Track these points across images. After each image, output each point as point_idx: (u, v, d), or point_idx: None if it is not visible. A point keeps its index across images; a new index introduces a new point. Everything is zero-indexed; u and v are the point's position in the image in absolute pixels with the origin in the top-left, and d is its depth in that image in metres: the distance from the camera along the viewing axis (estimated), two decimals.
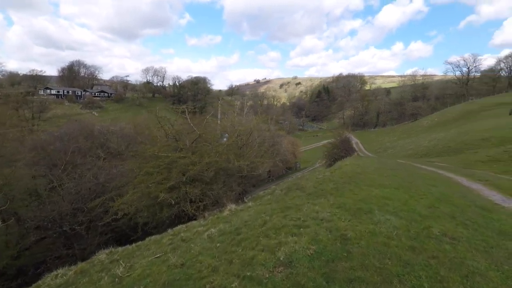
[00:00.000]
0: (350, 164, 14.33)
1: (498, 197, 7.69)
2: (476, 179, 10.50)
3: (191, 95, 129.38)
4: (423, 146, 38.55)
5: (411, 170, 11.97)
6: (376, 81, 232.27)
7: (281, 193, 12.54)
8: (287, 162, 49.65)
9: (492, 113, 51.12)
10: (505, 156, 16.29)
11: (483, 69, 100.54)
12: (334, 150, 28.02)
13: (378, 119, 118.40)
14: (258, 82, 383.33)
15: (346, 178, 9.92)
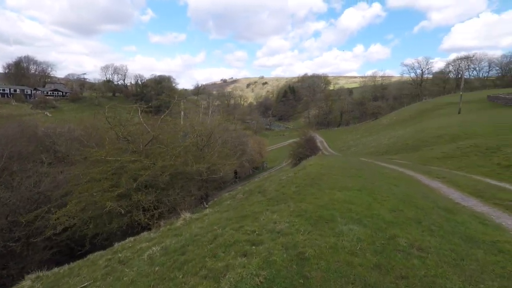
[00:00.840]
0: (314, 164, 14.00)
1: (457, 195, 7.60)
2: (434, 177, 10.57)
3: (154, 94, 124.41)
4: (383, 143, 40.06)
5: (373, 169, 11.86)
6: (339, 81, 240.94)
7: (242, 197, 11.82)
8: (253, 162, 49.20)
9: (444, 112, 54.78)
10: (457, 152, 17.00)
11: (434, 71, 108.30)
12: (299, 149, 27.98)
13: (342, 118, 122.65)
14: (225, 81, 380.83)
15: (309, 180, 9.44)
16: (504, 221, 5.36)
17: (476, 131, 28.20)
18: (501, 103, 49.78)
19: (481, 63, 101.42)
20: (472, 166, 13.26)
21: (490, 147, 15.53)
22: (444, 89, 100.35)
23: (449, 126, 33.81)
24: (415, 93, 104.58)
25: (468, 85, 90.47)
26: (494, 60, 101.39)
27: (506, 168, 11.36)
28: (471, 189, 8.26)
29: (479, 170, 12.26)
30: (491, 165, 12.61)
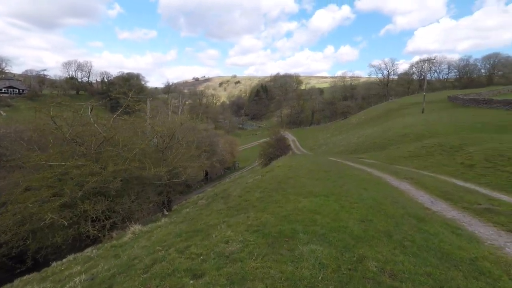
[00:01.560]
0: (282, 165, 13.40)
1: (426, 199, 7.25)
2: (402, 178, 10.33)
3: (122, 93, 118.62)
4: (353, 142, 40.74)
5: (342, 170, 11.45)
6: (311, 81, 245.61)
7: (204, 204, 10.90)
8: (224, 162, 48.16)
9: (408, 112, 57.05)
10: (423, 151, 17.23)
11: (399, 73, 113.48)
12: (270, 149, 27.47)
13: (313, 117, 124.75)
14: (197, 80, 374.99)
15: (275, 184, 8.76)
16: (476, 229, 4.96)
17: (438, 130, 29.30)
18: (459, 103, 52.64)
19: (441, 66, 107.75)
20: (437, 165, 13.31)
21: (453, 146, 15.83)
22: (409, 90, 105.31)
23: (413, 125, 34.97)
24: (382, 93, 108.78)
25: (430, 86, 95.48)
26: (452, 63, 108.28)
27: (470, 168, 11.41)
28: (439, 191, 7.99)
29: (444, 169, 12.27)
30: (455, 164, 12.70)
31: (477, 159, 12.03)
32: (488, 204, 6.44)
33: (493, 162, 11.08)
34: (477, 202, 6.65)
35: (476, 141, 16.02)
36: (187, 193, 26.77)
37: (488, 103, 41.09)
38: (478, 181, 9.58)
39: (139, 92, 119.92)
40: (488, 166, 10.92)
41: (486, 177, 9.78)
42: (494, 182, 9.09)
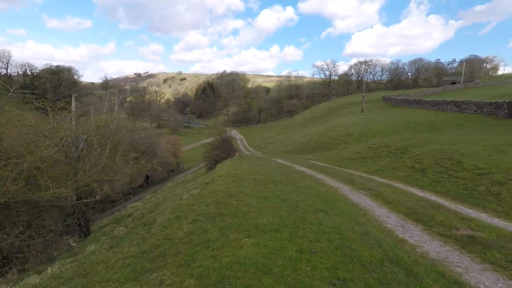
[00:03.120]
0: (226, 174, 11.46)
1: (394, 221, 6.01)
2: (359, 188, 9.22)
3: (50, 87, 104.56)
4: (299, 142, 40.65)
5: (294, 180, 9.97)
6: (257, 79, 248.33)
7: (122, 233, 8.45)
8: (167, 164, 44.44)
9: (349, 111, 59.73)
10: (370, 152, 16.87)
11: (340, 73, 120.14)
12: (215, 151, 25.34)
13: (260, 116, 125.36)
14: (140, 76, 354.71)
15: (213, 206, 6.80)
16: (480, 280, 3.67)
17: (379, 129, 30.32)
18: (393, 103, 56.61)
19: (375, 68, 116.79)
20: (388, 169, 12.70)
21: (399, 147, 15.63)
22: (348, 90, 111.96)
23: (355, 124, 35.99)
24: (325, 92, 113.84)
25: (366, 86, 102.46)
26: (385, 66, 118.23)
27: (422, 173, 10.85)
28: (404, 207, 6.87)
29: (396, 174, 11.62)
30: (405, 168, 12.18)
31: (427, 162, 11.60)
32: (467, 228, 5.37)
33: (444, 167, 10.65)
34: (452, 224, 5.56)
35: (419, 142, 16.07)
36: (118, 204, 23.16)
37: (418, 104, 44.49)
38: (436, 190, 8.85)
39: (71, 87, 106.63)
40: (440, 171, 10.43)
41: (442, 185, 9.12)
42: (452, 191, 8.38)
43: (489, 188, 7.85)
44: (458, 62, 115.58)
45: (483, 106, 28.63)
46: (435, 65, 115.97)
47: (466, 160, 10.47)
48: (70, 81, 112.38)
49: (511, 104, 24.56)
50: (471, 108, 30.54)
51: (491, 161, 9.79)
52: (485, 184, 8.17)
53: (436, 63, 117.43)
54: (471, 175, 9.10)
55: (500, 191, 7.52)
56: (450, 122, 27.64)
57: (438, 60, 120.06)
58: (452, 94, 57.63)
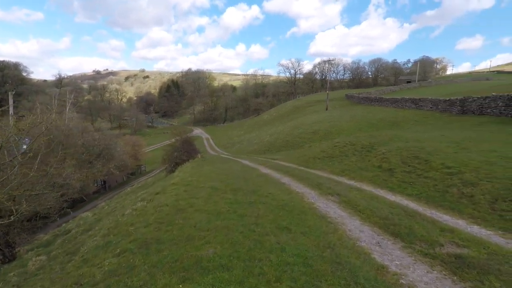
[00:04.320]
0: (180, 181, 10.05)
1: (368, 237, 5.12)
2: (327, 193, 8.35)
3: None
4: (265, 140, 39.90)
5: (256, 187, 8.87)
6: (224, 78, 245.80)
7: (31, 270, 6.73)
8: (126, 167, 41.35)
9: (314, 109, 60.40)
10: (336, 151, 16.34)
11: (304, 72, 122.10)
12: (175, 153, 23.55)
13: (227, 114, 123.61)
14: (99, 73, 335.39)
15: (152, 228, 5.45)
16: None
17: (343, 126, 30.44)
18: (355, 101, 58.12)
19: (338, 67, 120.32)
20: (355, 169, 12.09)
21: (364, 146, 15.22)
22: (313, 88, 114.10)
23: (321, 122, 36.02)
24: (290, 91, 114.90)
25: (330, 85, 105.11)
26: (347, 65, 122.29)
27: (389, 173, 10.30)
28: (377, 216, 6.05)
29: (363, 175, 10.99)
30: (372, 167, 11.64)
31: (394, 162, 11.12)
32: (452, 244, 4.60)
33: (412, 166, 10.18)
34: (434, 239, 4.77)
35: (383, 139, 15.80)
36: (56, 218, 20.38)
37: (379, 101, 45.86)
38: (406, 192, 8.24)
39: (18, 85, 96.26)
40: (408, 170, 9.94)
41: (412, 187, 8.54)
42: (424, 194, 7.79)
43: (461, 190, 7.32)
44: (413, 62, 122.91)
45: (438, 103, 29.77)
46: (392, 65, 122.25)
47: (433, 159, 10.08)
48: (17, 78, 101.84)
49: (463, 101, 25.62)
50: (427, 105, 31.69)
51: (458, 159, 9.44)
52: (457, 185, 7.66)
53: (393, 63, 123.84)
54: (440, 175, 8.62)
55: (473, 193, 6.99)
56: (410, 119, 28.38)
57: (395, 60, 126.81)
58: (408, 92, 60.55)
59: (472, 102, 24.05)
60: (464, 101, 25.12)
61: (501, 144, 11.59)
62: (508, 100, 19.99)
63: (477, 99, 23.51)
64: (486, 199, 6.62)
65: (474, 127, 19.02)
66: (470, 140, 12.96)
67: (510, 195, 6.46)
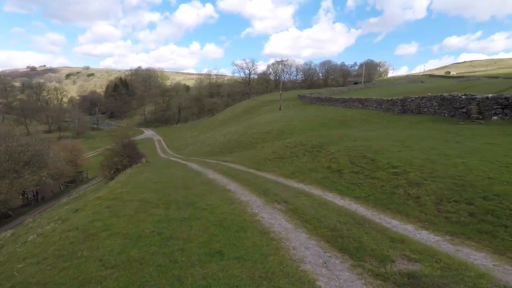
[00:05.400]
0: (105, 196, 8.56)
1: (314, 255, 4.43)
2: (273, 200, 7.65)
3: None
4: (219, 141, 38.77)
5: (195, 198, 7.84)
6: (177, 77, 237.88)
7: None
8: (62, 175, 37.04)
9: (268, 109, 60.69)
10: (287, 152, 15.94)
11: (259, 72, 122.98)
12: (115, 158, 21.33)
13: (180, 115, 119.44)
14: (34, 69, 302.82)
15: (45, 266, 4.20)
16: None
17: (296, 126, 30.59)
18: (307, 101, 59.62)
19: (291, 68, 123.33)
20: (305, 170, 11.67)
21: (314, 146, 15.01)
22: (267, 88, 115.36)
23: (274, 122, 35.95)
24: (245, 91, 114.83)
25: (283, 85, 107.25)
26: (299, 66, 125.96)
27: (338, 174, 10.00)
28: (325, 227, 5.45)
29: (313, 177, 10.57)
30: (322, 168, 11.31)
31: (343, 162, 10.89)
32: (403, 258, 4.10)
33: (359, 166, 9.99)
34: (385, 254, 4.25)
35: (333, 139, 15.79)
36: None
37: (329, 101, 47.42)
38: (355, 195, 7.88)
39: None
40: (356, 171, 9.71)
41: (360, 188, 8.23)
42: (372, 196, 7.48)
43: (407, 191, 7.11)
44: (359, 65, 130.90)
45: (382, 103, 31.33)
46: (341, 67, 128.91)
47: (380, 158, 10.00)
48: None
49: (403, 101, 27.18)
50: (373, 105, 33.25)
51: (403, 158, 9.43)
52: (403, 185, 7.47)
53: (341, 65, 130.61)
54: (387, 175, 8.44)
55: (419, 193, 6.79)
56: (357, 118, 29.44)
57: (343, 62, 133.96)
58: (356, 93, 63.90)
59: (411, 102, 25.62)
60: (404, 101, 26.70)
61: (439, 142, 12.05)
62: (441, 100, 21.52)
63: (415, 99, 25.10)
64: (431, 200, 6.44)
65: (414, 125, 20.10)
66: (412, 138, 13.38)
67: (453, 195, 6.34)
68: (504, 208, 5.38)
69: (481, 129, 14.70)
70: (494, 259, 4.23)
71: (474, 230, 5.12)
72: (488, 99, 16.93)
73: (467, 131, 14.29)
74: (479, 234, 4.97)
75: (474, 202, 5.83)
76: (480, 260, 4.21)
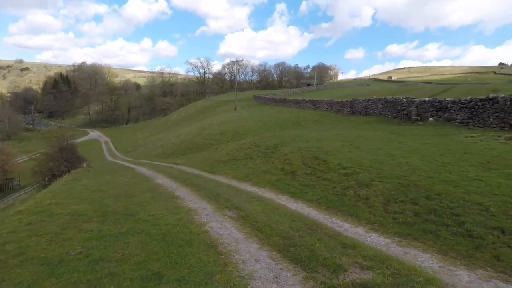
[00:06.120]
0: (28, 209, 7.30)
1: (267, 273, 4.08)
2: (224, 207, 7.20)
3: None
4: (171, 142, 37.11)
5: (136, 208, 7.04)
6: (127, 74, 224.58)
7: None
8: None
9: (223, 109, 59.97)
10: (241, 153, 15.60)
11: (214, 72, 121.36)
12: (51, 163, 19.01)
13: (130, 115, 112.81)
14: None
15: None
16: None
17: (251, 126, 30.44)
18: (262, 102, 60.12)
19: (246, 69, 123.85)
20: (259, 173, 11.41)
21: (268, 147, 14.88)
22: (222, 88, 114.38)
23: (229, 122, 35.46)
24: (200, 90, 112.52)
25: (239, 86, 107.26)
26: (255, 67, 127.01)
27: (292, 176, 9.89)
28: (277, 235, 5.15)
29: (267, 179, 10.35)
30: (276, 170, 11.15)
31: (296, 163, 10.85)
32: (355, 266, 3.95)
33: (312, 167, 10.00)
34: (337, 263, 4.06)
35: (286, 139, 15.83)
36: None
37: (283, 102, 48.29)
38: (307, 197, 7.78)
39: None
40: (309, 172, 9.69)
41: (313, 190, 8.17)
42: (324, 199, 7.43)
43: (357, 192, 7.18)
44: (311, 67, 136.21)
45: (332, 104, 32.61)
46: (295, 69, 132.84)
47: (331, 159, 10.12)
48: None
49: (352, 103, 28.57)
50: (324, 106, 34.48)
51: (353, 159, 9.64)
52: (353, 186, 7.54)
53: (295, 67, 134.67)
54: (338, 176, 8.51)
55: (368, 194, 6.88)
56: (310, 119, 30.24)
57: (296, 65, 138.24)
58: (308, 94, 66.17)
59: (359, 104, 27.04)
60: (353, 103, 28.10)
61: (384, 142, 12.67)
62: (385, 102, 23.02)
63: (363, 101, 26.55)
64: (379, 201, 6.54)
65: (361, 125, 21.16)
66: (360, 139, 13.92)
67: (399, 195, 6.51)
68: (444, 207, 5.60)
69: (420, 129, 15.90)
70: (439, 259, 4.30)
71: (419, 230, 5.23)
72: (425, 102, 18.44)
73: (408, 132, 15.33)
74: (424, 234, 5.09)
75: (418, 202, 6.02)
76: (427, 262, 4.24)
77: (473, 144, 10.83)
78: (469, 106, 15.48)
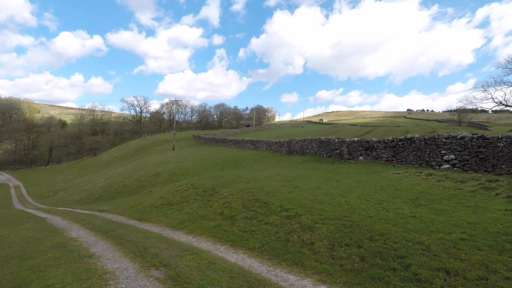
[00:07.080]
0: None
1: None
2: (151, 265, 5.93)
3: None
4: (99, 186, 33.02)
5: (28, 277, 5.37)
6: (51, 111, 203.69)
7: None
8: None
9: (161, 148, 57.04)
10: (177, 197, 14.27)
11: (152, 111, 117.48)
12: None
13: (51, 155, 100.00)
14: None
15: None
16: None
17: (189, 167, 28.97)
18: (202, 142, 59.17)
19: (186, 109, 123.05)
20: (195, 218, 10.29)
21: (207, 189, 13.93)
22: (160, 128, 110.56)
23: (166, 162, 33.38)
24: (135, 129, 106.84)
25: (178, 125, 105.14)
26: (194, 107, 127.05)
27: (231, 221, 9.07)
28: None
29: (204, 225, 9.31)
30: (214, 215, 10.20)
31: (236, 206, 10.10)
32: None
33: (253, 210, 9.36)
34: None
35: (226, 180, 15.12)
36: None
37: (223, 142, 48.11)
38: (248, 246, 7.00)
39: None
40: (250, 216, 9.00)
41: (254, 237, 7.44)
42: (267, 246, 6.74)
43: (301, 237, 6.70)
44: (250, 109, 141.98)
45: (271, 144, 33.40)
46: (234, 110, 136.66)
47: (272, 201, 9.67)
48: None
49: (289, 143, 29.62)
50: (263, 146, 35.11)
51: (294, 200, 9.33)
52: (296, 230, 7.06)
53: (235, 109, 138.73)
54: (280, 220, 7.99)
55: (312, 239, 6.44)
56: (249, 159, 30.22)
57: (236, 106, 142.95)
58: (248, 135, 67.65)
59: (296, 144, 28.13)
60: (290, 143, 29.17)
61: (322, 181, 12.85)
62: (319, 142, 24.33)
63: (299, 141, 27.73)
64: (325, 246, 6.12)
65: (299, 164, 21.70)
66: (299, 178, 13.96)
67: (343, 238, 6.21)
68: (389, 249, 5.41)
69: (352, 167, 16.79)
70: None
71: (367, 277, 4.85)
72: (355, 142, 19.91)
73: (343, 170, 16.03)
74: (373, 282, 4.71)
75: (363, 244, 5.75)
76: None
77: (401, 180, 11.60)
78: (391, 146, 17.07)
